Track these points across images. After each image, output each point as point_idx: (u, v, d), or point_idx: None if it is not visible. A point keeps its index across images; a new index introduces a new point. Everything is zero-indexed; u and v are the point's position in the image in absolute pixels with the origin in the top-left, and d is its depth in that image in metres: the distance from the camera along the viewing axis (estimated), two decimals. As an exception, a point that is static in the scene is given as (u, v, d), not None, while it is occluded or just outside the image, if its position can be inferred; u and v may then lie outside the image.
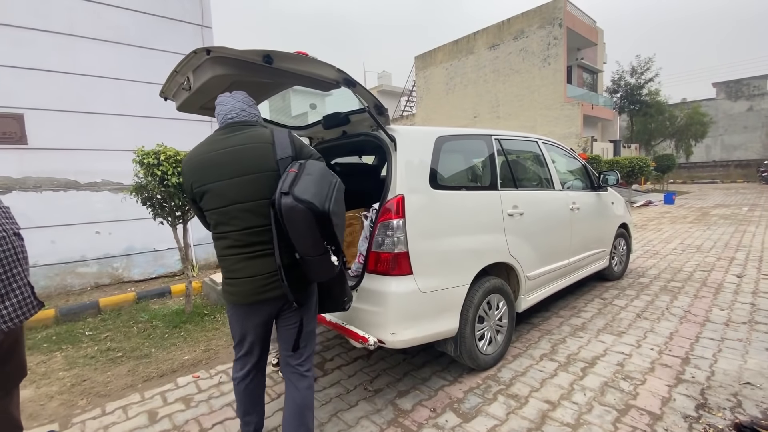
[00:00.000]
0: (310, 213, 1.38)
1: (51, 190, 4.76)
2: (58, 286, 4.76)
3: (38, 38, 4.63)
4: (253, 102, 1.78)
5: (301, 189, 1.40)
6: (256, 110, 1.77)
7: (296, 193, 1.38)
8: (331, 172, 1.58)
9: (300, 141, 1.66)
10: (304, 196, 1.38)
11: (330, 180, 1.51)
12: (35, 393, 2.63)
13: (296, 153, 1.59)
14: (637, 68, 22.09)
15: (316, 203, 1.38)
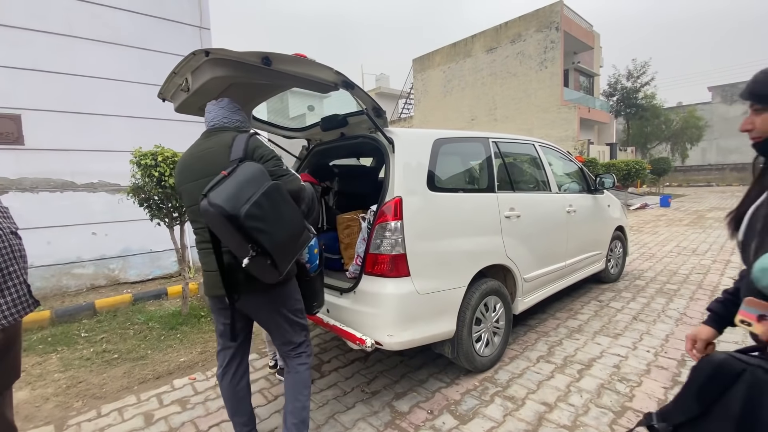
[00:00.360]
0: (220, 216, 1.40)
1: (47, 190, 4.74)
2: (53, 288, 4.74)
3: (36, 39, 4.62)
4: (237, 108, 1.84)
5: (216, 192, 1.42)
6: (240, 116, 1.83)
7: (210, 196, 1.42)
8: (266, 175, 1.52)
9: (257, 144, 1.65)
10: (216, 200, 1.40)
11: (260, 183, 1.47)
12: (30, 395, 2.61)
13: (246, 155, 1.59)
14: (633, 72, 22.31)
15: (226, 207, 1.38)
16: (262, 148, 1.65)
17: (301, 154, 3.28)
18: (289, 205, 1.55)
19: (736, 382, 0.85)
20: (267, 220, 1.44)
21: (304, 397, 1.81)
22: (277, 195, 1.49)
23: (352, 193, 3.46)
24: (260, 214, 1.42)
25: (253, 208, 1.40)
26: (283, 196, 1.52)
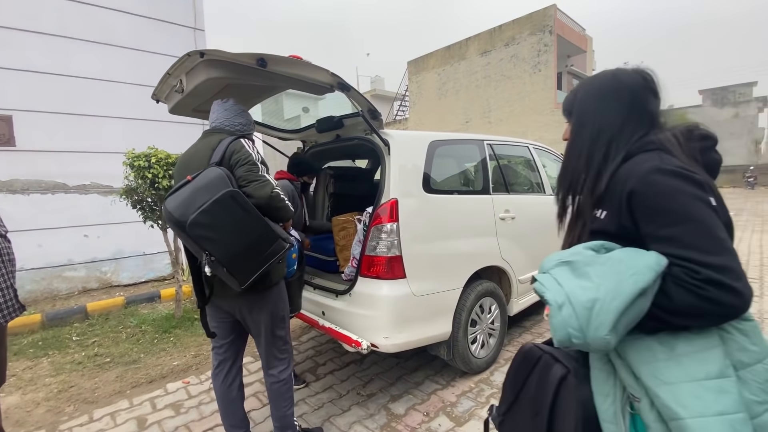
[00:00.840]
0: (170, 222, 1.43)
1: (39, 192, 4.68)
2: (44, 291, 4.67)
3: (27, 39, 4.57)
4: (242, 110, 1.83)
5: (171, 198, 1.45)
6: (243, 118, 1.82)
7: (167, 201, 1.44)
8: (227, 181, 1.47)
9: (235, 148, 1.61)
10: (168, 205, 1.43)
11: (216, 190, 1.42)
12: (21, 399, 2.57)
13: (223, 160, 1.59)
14: (625, 75, 22.52)
15: (175, 214, 1.40)
16: (239, 153, 1.60)
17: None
18: (249, 213, 1.48)
19: (535, 367, 0.98)
20: (218, 229, 1.41)
21: (286, 406, 1.84)
22: (231, 203, 1.43)
23: (347, 195, 3.45)
24: (209, 223, 1.39)
25: (201, 216, 1.38)
26: (240, 204, 1.46)
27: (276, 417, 1.86)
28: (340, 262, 2.85)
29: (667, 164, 0.81)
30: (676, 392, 0.74)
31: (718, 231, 0.77)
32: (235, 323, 1.83)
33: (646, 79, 0.94)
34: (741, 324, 0.78)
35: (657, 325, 0.78)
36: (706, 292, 0.72)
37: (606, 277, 0.77)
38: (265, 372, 1.85)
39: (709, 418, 0.71)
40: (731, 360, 0.77)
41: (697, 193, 0.79)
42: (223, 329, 1.82)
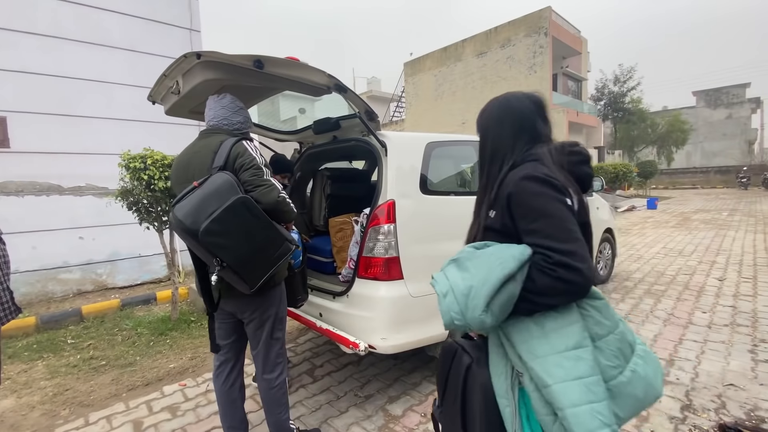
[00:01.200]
0: (180, 230, 1.42)
1: (33, 194, 4.65)
2: (39, 293, 4.64)
3: (22, 40, 4.55)
4: (239, 107, 1.80)
5: (180, 205, 1.43)
6: (241, 116, 1.79)
7: (175, 209, 1.43)
8: (235, 188, 1.48)
9: (239, 151, 1.60)
10: (177, 213, 1.41)
11: (226, 197, 1.43)
12: (16, 403, 2.55)
13: (227, 164, 1.57)
14: (620, 77, 22.65)
15: (185, 222, 1.39)
16: (243, 156, 1.59)
17: (293, 157, 3.27)
18: (259, 219, 1.50)
19: (453, 360, 1.11)
20: (229, 236, 1.42)
21: (281, 412, 1.84)
22: (242, 210, 1.45)
23: (344, 196, 3.45)
24: (221, 230, 1.40)
25: (213, 224, 1.38)
26: (250, 210, 1.47)
27: (271, 422, 1.86)
28: (337, 264, 2.85)
29: (535, 172, 0.98)
30: (545, 364, 0.88)
31: (569, 224, 0.92)
32: (237, 324, 1.83)
33: (536, 104, 1.13)
34: (594, 302, 0.95)
35: (529, 306, 0.92)
36: (556, 272, 0.87)
37: (479, 267, 0.92)
38: (259, 377, 1.84)
39: (569, 382, 0.85)
40: (589, 333, 0.92)
41: (555, 195, 0.95)
42: (225, 330, 1.83)
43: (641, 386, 0.92)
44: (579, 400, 0.84)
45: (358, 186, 3.59)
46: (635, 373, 0.92)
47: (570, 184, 1.00)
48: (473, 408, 1.03)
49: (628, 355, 0.93)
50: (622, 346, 0.93)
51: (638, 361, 0.94)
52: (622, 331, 0.95)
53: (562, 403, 0.85)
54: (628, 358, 0.93)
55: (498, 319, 0.91)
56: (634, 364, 0.93)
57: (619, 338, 0.93)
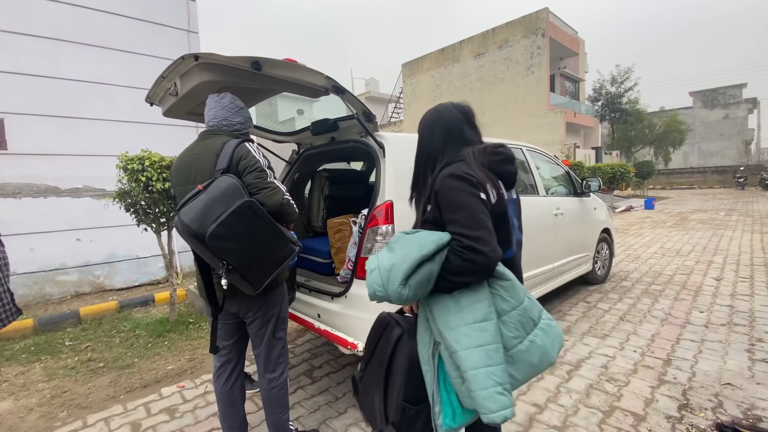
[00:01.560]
0: (186, 234, 1.42)
1: (30, 196, 4.64)
2: (36, 295, 4.62)
3: (20, 42, 4.54)
4: (240, 107, 1.80)
5: (186, 209, 1.42)
6: (241, 116, 1.79)
7: (181, 213, 1.42)
8: (241, 191, 1.48)
9: (243, 154, 1.60)
10: (184, 217, 1.41)
11: (232, 201, 1.43)
12: (14, 405, 2.54)
13: (230, 166, 1.57)
14: (617, 78, 22.73)
15: (192, 226, 1.39)
16: (247, 159, 1.60)
17: (291, 159, 3.27)
18: (264, 222, 1.51)
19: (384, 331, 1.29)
20: (236, 239, 1.43)
21: (281, 412, 1.85)
22: (249, 213, 1.46)
23: (342, 197, 3.46)
24: (228, 234, 1.41)
25: (220, 228, 1.39)
26: (256, 213, 1.48)
27: (271, 423, 1.86)
28: (335, 265, 2.86)
29: (456, 171, 1.14)
30: (455, 334, 1.04)
31: (480, 215, 1.07)
32: (239, 324, 1.83)
33: (463, 113, 1.29)
34: (503, 283, 1.11)
35: (446, 284, 1.07)
36: (465, 254, 1.03)
37: (402, 248, 1.08)
38: (260, 376, 1.85)
39: (472, 349, 1.01)
40: (496, 308, 1.08)
41: (470, 190, 1.10)
42: (227, 331, 1.82)
43: (537, 354, 1.08)
44: (478, 364, 1.00)
45: (356, 187, 3.59)
46: (533, 343, 1.08)
47: (488, 180, 1.14)
48: (397, 372, 1.20)
49: (529, 328, 1.09)
50: (524, 321, 1.09)
51: (538, 332, 1.09)
52: (525, 308, 1.10)
53: (466, 366, 1.01)
54: (528, 330, 1.09)
55: (416, 293, 1.05)
56: (534, 336, 1.09)
57: (521, 313, 1.09)
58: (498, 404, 0.98)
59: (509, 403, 1.00)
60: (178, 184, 1.75)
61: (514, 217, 1.30)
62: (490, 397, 0.98)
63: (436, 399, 1.10)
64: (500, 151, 1.24)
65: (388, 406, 1.22)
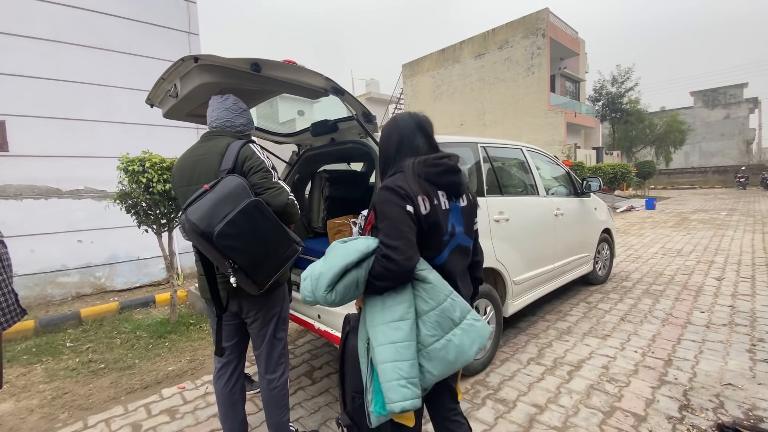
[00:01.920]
0: (194, 233, 1.42)
1: (32, 197, 4.65)
2: (37, 297, 4.63)
3: (20, 44, 4.55)
4: (243, 109, 1.82)
5: (193, 208, 1.43)
6: (244, 118, 1.81)
7: (188, 212, 1.43)
8: (247, 190, 1.50)
9: (247, 154, 1.61)
10: (191, 217, 1.41)
11: (238, 200, 1.45)
12: (15, 406, 2.55)
13: (235, 166, 1.59)
14: (617, 78, 22.72)
15: (200, 225, 1.40)
16: (252, 159, 1.61)
17: (291, 160, 3.28)
18: (270, 221, 1.52)
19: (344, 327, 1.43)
20: (243, 238, 1.44)
21: (281, 413, 1.85)
22: (255, 212, 1.47)
23: (342, 198, 3.46)
24: (235, 233, 1.42)
25: (227, 227, 1.40)
26: (262, 212, 1.50)
27: (271, 424, 1.86)
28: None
29: (391, 183, 1.21)
30: (375, 330, 1.15)
31: (401, 226, 1.15)
32: (240, 325, 1.84)
33: (417, 123, 1.34)
34: (424, 286, 1.18)
35: (372, 287, 1.17)
36: (381, 262, 1.13)
37: (331, 257, 1.17)
38: (261, 376, 1.85)
39: (385, 345, 1.11)
40: (417, 309, 1.17)
41: (397, 202, 1.17)
42: (228, 332, 1.83)
43: (453, 352, 1.15)
44: (388, 358, 1.10)
45: (356, 188, 3.59)
46: (450, 341, 1.15)
47: (421, 191, 1.20)
48: (347, 365, 1.34)
49: (447, 328, 1.16)
50: (441, 321, 1.16)
51: (457, 332, 1.16)
52: (444, 308, 1.17)
53: (377, 360, 1.12)
54: (446, 329, 1.16)
55: (343, 297, 1.15)
56: (452, 335, 1.16)
57: (439, 314, 1.16)
58: (398, 395, 1.07)
59: (410, 395, 1.08)
60: (180, 185, 1.75)
61: (458, 223, 1.32)
62: (392, 388, 1.08)
63: (369, 388, 1.19)
64: (440, 162, 1.27)
65: (345, 396, 1.34)
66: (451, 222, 1.29)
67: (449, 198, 1.29)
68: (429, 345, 1.15)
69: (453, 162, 1.30)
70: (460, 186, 1.32)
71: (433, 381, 1.16)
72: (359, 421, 1.28)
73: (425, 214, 1.19)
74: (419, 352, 1.14)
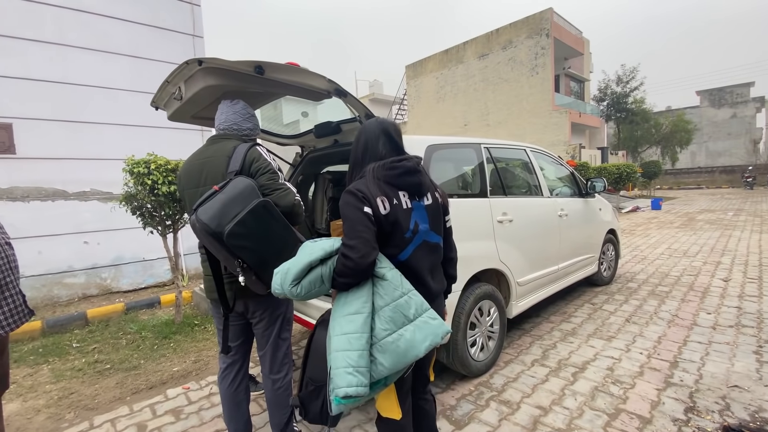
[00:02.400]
0: (205, 233, 1.44)
1: (39, 199, 4.70)
2: (44, 298, 4.68)
3: (28, 48, 4.61)
4: (251, 114, 1.87)
5: (204, 208, 1.45)
6: (251, 123, 1.86)
7: (198, 212, 1.45)
8: (256, 191, 1.54)
9: (255, 156, 1.66)
10: (202, 216, 1.43)
11: (248, 201, 1.48)
12: (22, 406, 2.57)
13: (243, 168, 1.62)
14: (622, 77, 22.58)
15: (211, 225, 1.42)
16: (259, 161, 1.65)
17: (294, 161, 3.29)
18: (278, 221, 1.55)
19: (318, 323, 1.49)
20: (252, 237, 1.47)
21: (285, 413, 1.87)
22: (264, 212, 1.50)
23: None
24: (245, 232, 1.44)
25: (237, 226, 1.42)
26: (271, 213, 1.53)
27: (275, 424, 1.87)
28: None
29: (351, 187, 1.32)
30: (334, 322, 1.24)
31: (358, 225, 1.25)
32: (245, 326, 1.86)
33: (383, 129, 1.42)
34: (382, 282, 1.27)
35: (335, 283, 1.27)
36: (341, 259, 1.24)
37: (299, 254, 1.28)
38: (265, 377, 1.87)
39: (339, 336, 1.20)
40: (375, 304, 1.25)
41: (355, 204, 1.27)
42: (234, 332, 1.85)
43: (404, 346, 1.22)
44: (339, 348, 1.18)
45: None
46: (402, 336, 1.22)
47: (381, 193, 1.30)
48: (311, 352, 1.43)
49: (400, 323, 1.24)
50: (395, 316, 1.24)
51: (410, 327, 1.24)
52: (399, 305, 1.25)
53: (330, 348, 1.21)
54: (399, 324, 1.23)
55: (308, 291, 1.24)
56: (404, 330, 1.23)
57: (393, 309, 1.24)
58: (344, 381, 1.15)
59: (355, 382, 1.15)
60: (188, 187, 1.77)
61: (422, 221, 1.40)
62: (340, 375, 1.16)
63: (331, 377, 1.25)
64: (398, 165, 1.36)
65: (302, 381, 1.44)
66: (414, 219, 1.37)
67: (411, 197, 1.38)
68: (382, 338, 1.22)
69: (411, 164, 1.38)
70: (421, 186, 1.40)
71: (385, 373, 1.23)
72: (308, 405, 1.39)
73: (385, 214, 1.29)
74: (373, 345, 1.22)
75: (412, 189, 1.39)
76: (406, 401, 1.44)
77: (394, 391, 1.41)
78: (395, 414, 1.41)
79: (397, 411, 1.41)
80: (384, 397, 1.41)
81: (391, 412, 1.41)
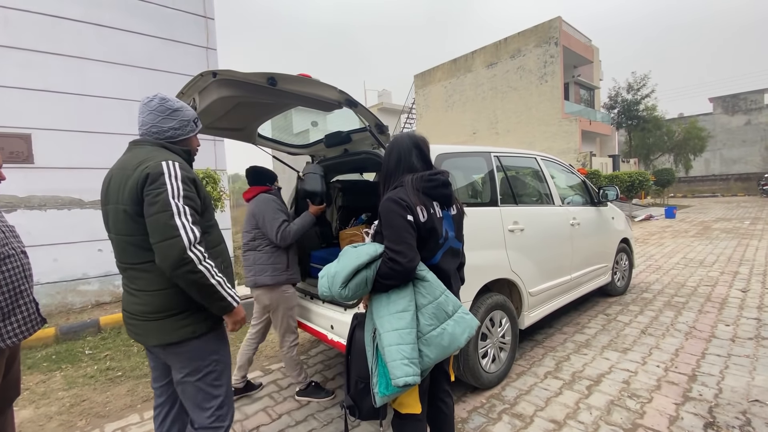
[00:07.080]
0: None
1: (55, 208, 4.79)
2: (59, 305, 4.75)
3: (48, 61, 4.74)
4: (173, 109, 1.47)
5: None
6: (174, 120, 1.47)
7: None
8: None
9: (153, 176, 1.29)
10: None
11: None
12: (34, 413, 2.60)
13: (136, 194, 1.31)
14: (633, 85, 22.40)
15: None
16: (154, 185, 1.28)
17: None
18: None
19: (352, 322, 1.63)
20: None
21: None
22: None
23: (355, 208, 3.47)
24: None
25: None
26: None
27: None
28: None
29: (393, 195, 1.41)
30: (382, 320, 1.36)
31: (403, 233, 1.36)
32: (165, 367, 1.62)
33: (414, 143, 1.55)
34: (423, 283, 1.40)
35: (379, 285, 1.38)
36: (388, 264, 1.35)
37: (345, 259, 1.38)
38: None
39: (390, 332, 1.33)
40: (417, 303, 1.38)
41: (399, 212, 1.38)
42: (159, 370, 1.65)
43: (447, 339, 1.36)
44: (393, 342, 1.31)
45: (369, 198, 3.60)
46: (445, 330, 1.36)
47: (420, 203, 1.41)
48: (353, 355, 1.54)
49: (442, 318, 1.37)
50: (437, 312, 1.37)
51: (450, 322, 1.38)
52: (440, 302, 1.38)
53: (383, 343, 1.33)
54: (442, 320, 1.37)
55: (355, 293, 1.36)
56: (446, 324, 1.37)
57: (435, 307, 1.37)
58: (401, 372, 1.28)
59: (411, 372, 1.28)
60: (101, 202, 1.51)
61: (450, 229, 1.54)
62: (397, 366, 1.28)
63: (374, 372, 1.40)
64: (435, 178, 1.49)
65: (350, 382, 1.54)
66: (445, 228, 1.51)
67: (442, 207, 1.51)
68: (427, 333, 1.36)
69: (444, 177, 1.52)
70: (450, 197, 1.55)
71: (431, 364, 1.37)
72: (360, 403, 1.50)
73: (423, 222, 1.41)
74: (419, 339, 1.35)
75: (444, 200, 1.52)
76: (424, 399, 1.52)
77: (417, 388, 1.47)
78: (416, 408, 1.48)
79: (418, 406, 1.48)
80: (406, 394, 1.47)
81: (412, 408, 1.48)
